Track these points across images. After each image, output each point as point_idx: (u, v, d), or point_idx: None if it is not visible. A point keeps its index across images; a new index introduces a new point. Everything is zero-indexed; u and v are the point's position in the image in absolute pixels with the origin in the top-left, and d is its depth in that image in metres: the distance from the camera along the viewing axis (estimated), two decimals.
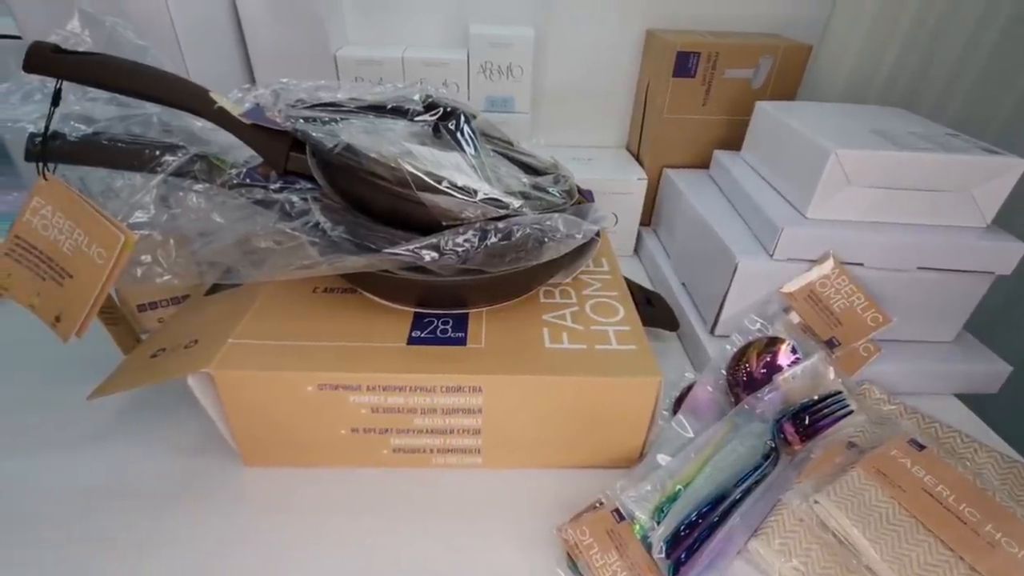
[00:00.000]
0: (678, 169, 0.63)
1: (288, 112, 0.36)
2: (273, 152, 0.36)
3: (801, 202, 0.44)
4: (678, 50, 0.57)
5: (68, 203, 0.33)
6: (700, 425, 0.39)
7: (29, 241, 0.34)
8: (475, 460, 0.37)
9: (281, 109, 0.37)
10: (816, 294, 0.43)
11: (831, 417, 0.38)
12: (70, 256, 0.34)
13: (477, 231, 0.33)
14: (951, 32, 0.64)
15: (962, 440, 0.39)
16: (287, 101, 0.38)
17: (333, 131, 0.35)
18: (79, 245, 0.33)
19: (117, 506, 0.34)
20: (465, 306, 0.39)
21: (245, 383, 0.33)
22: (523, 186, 0.38)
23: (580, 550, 0.32)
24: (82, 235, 0.33)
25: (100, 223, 0.33)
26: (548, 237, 0.34)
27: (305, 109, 0.38)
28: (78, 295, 0.34)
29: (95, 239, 0.33)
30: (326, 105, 0.39)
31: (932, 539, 0.31)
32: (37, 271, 0.35)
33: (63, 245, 0.34)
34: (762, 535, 0.32)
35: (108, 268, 0.33)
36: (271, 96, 0.38)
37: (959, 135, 0.45)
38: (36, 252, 0.34)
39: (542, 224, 0.34)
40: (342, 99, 0.40)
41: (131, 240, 0.33)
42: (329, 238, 0.34)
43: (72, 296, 0.34)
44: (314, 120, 0.36)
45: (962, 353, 0.47)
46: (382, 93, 0.41)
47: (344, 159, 0.33)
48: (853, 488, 0.33)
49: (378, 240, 0.33)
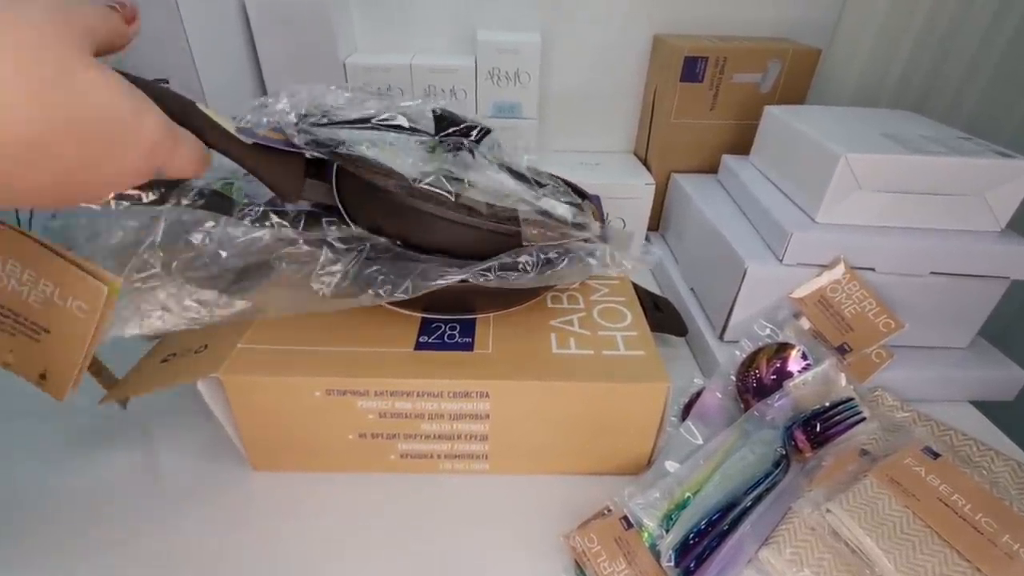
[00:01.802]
0: (686, 174, 0.63)
1: (303, 127, 0.32)
2: (284, 179, 0.31)
3: (811, 207, 0.44)
4: (686, 55, 0.57)
5: (25, 252, 0.29)
6: (709, 432, 0.38)
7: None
8: (482, 466, 0.37)
9: (296, 123, 0.32)
10: (827, 299, 0.43)
11: (843, 424, 0.38)
12: (40, 309, 0.29)
13: (533, 257, 0.33)
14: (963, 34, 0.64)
15: (978, 448, 0.38)
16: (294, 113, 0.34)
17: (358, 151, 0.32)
18: (49, 297, 0.29)
19: (127, 510, 0.35)
20: (473, 311, 0.39)
21: (254, 388, 0.33)
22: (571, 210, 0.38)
23: (588, 558, 0.31)
24: (50, 286, 0.29)
25: (71, 273, 0.28)
26: (597, 263, 0.34)
27: (316, 126, 0.33)
28: (61, 353, 0.30)
29: (69, 291, 0.29)
30: (337, 123, 0.35)
31: (948, 549, 0.30)
32: (1, 327, 0.30)
33: (27, 297, 0.29)
34: (773, 544, 0.32)
35: (94, 321, 0.29)
36: (288, 107, 0.33)
37: (971, 138, 0.45)
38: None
39: (594, 252, 0.35)
40: (348, 114, 0.36)
41: (115, 287, 0.29)
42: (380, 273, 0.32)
43: (54, 351, 0.30)
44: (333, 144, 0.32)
45: (977, 359, 0.46)
46: (389, 104, 0.38)
47: (424, 193, 0.30)
48: (866, 497, 0.33)
49: (433, 270, 0.32)
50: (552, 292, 0.42)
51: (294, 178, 0.31)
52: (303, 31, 0.57)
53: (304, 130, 0.32)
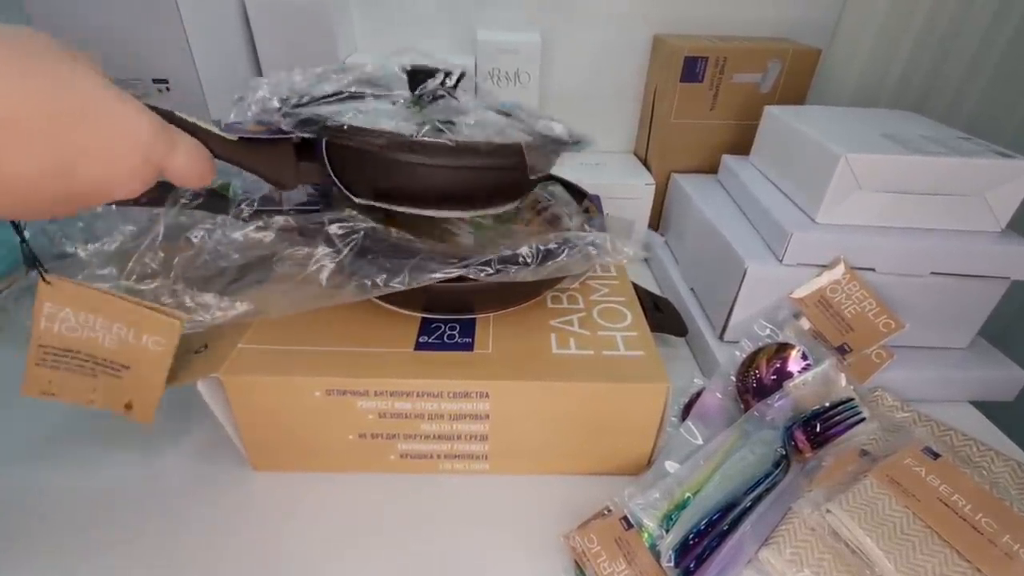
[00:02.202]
0: (686, 174, 0.63)
1: (287, 110, 0.31)
2: (276, 167, 0.31)
3: (811, 207, 0.44)
4: (686, 55, 0.57)
5: (87, 300, 0.31)
6: (709, 432, 0.38)
7: (59, 347, 0.32)
8: (482, 466, 0.37)
9: (279, 108, 0.32)
10: (827, 299, 0.43)
11: (843, 424, 0.38)
12: (116, 349, 0.32)
13: (533, 249, 0.33)
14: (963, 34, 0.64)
15: (978, 448, 0.38)
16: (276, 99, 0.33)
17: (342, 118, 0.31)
18: (124, 338, 0.31)
19: (126, 511, 0.35)
20: (472, 311, 0.39)
21: (254, 388, 0.33)
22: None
23: (587, 558, 0.31)
24: (124, 328, 0.31)
25: (142, 314, 0.31)
26: (598, 252, 0.34)
27: (300, 107, 0.33)
28: (144, 382, 0.33)
29: (144, 329, 0.31)
30: (317, 100, 0.34)
31: (948, 550, 0.30)
32: (83, 371, 0.32)
33: (103, 341, 0.32)
34: (773, 544, 0.32)
35: (170, 352, 0.32)
36: (268, 93, 0.33)
37: (971, 138, 0.45)
38: (73, 354, 0.32)
39: (594, 241, 0.35)
40: (324, 88, 0.35)
41: (184, 321, 0.32)
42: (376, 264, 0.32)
43: (136, 384, 0.33)
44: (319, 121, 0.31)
45: (977, 359, 0.46)
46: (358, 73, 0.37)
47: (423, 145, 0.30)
48: (866, 497, 0.33)
49: (431, 263, 0.32)
50: (552, 292, 0.42)
51: (287, 165, 0.31)
52: (303, 31, 0.57)
53: (288, 113, 0.31)
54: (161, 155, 0.25)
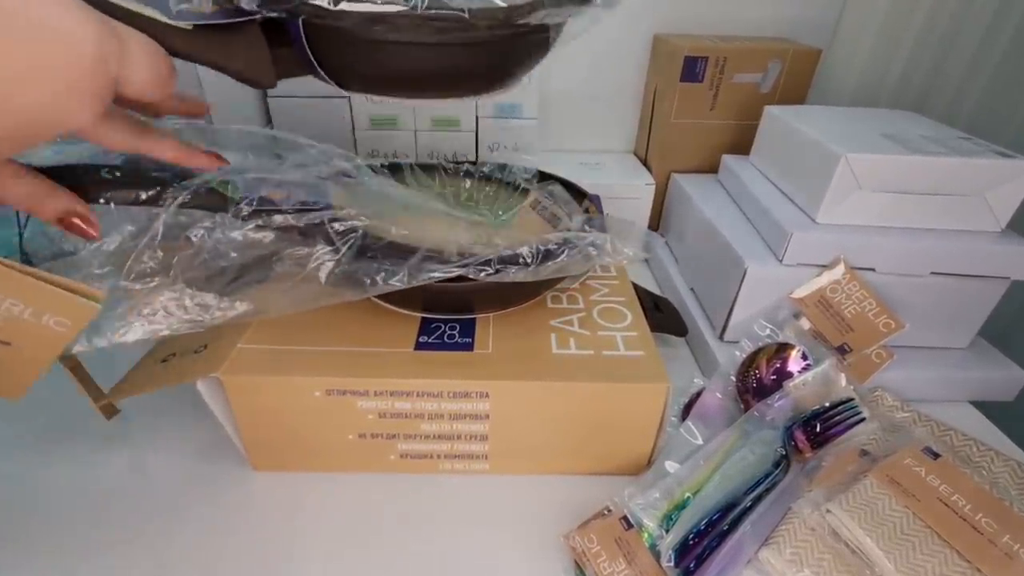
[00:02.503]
0: (686, 174, 0.63)
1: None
2: (246, 59, 0.25)
3: (811, 207, 0.44)
4: (686, 55, 0.57)
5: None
6: (709, 432, 0.38)
7: None
8: (482, 466, 0.37)
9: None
10: (827, 299, 0.43)
11: (843, 424, 0.38)
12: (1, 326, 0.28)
13: (533, 249, 0.32)
14: (963, 34, 0.64)
15: (978, 448, 0.38)
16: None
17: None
18: (17, 315, 0.28)
19: (126, 511, 0.35)
20: (472, 311, 0.39)
21: (254, 388, 0.33)
22: None
23: (587, 558, 0.31)
24: (18, 305, 0.27)
25: (46, 292, 0.27)
26: (598, 252, 0.34)
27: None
28: (25, 359, 0.29)
29: (47, 309, 0.28)
30: None
31: (948, 550, 0.30)
32: None
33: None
34: (773, 544, 0.32)
35: (71, 335, 0.29)
36: None
37: (972, 138, 0.45)
38: None
39: (594, 242, 0.34)
40: None
41: (102, 300, 0.28)
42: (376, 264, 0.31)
43: (13, 360, 0.29)
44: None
45: (977, 360, 0.46)
46: None
47: (435, 18, 0.24)
48: (866, 497, 0.33)
49: (430, 263, 0.31)
50: (552, 292, 0.42)
51: (259, 55, 0.25)
52: None
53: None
54: (112, 65, 0.21)
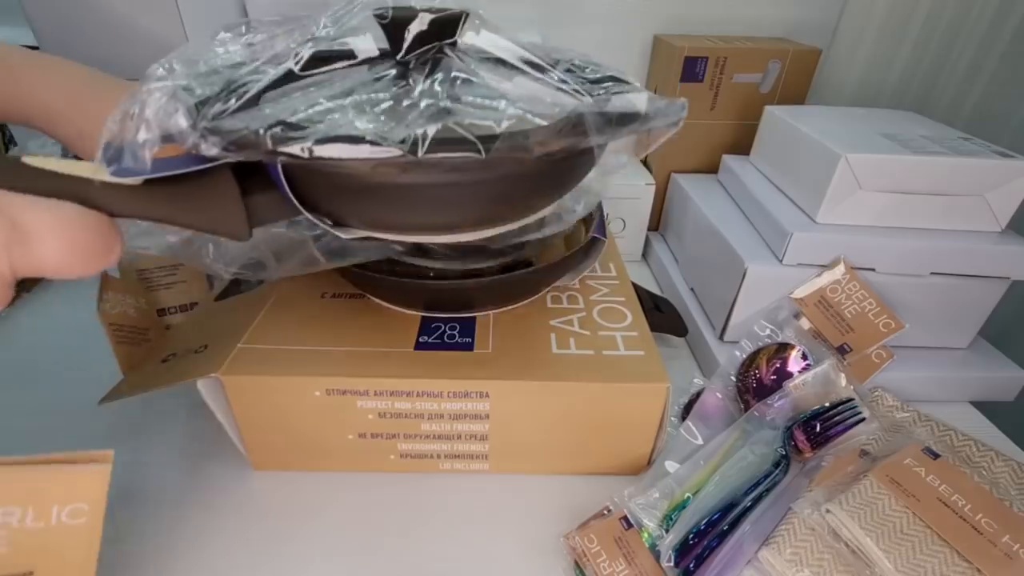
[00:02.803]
0: (686, 174, 0.63)
1: (207, 126, 0.19)
2: (216, 214, 0.20)
3: (811, 207, 0.44)
4: (686, 55, 0.57)
5: None
6: (709, 432, 0.38)
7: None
8: (482, 466, 0.37)
9: (191, 124, 0.19)
10: (827, 300, 0.43)
11: (843, 424, 0.38)
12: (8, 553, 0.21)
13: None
14: (963, 34, 0.64)
15: (978, 449, 0.38)
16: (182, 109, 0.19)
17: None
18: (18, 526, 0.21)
19: (127, 511, 0.35)
20: (472, 309, 0.39)
21: (254, 387, 0.33)
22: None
23: (587, 558, 0.31)
24: (16, 512, 0.21)
25: (41, 479, 0.22)
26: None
27: (225, 115, 0.20)
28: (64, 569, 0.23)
29: (53, 499, 0.23)
30: (256, 95, 0.22)
31: (948, 550, 0.30)
32: None
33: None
34: (773, 544, 0.32)
35: (100, 514, 0.24)
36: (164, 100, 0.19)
37: (972, 138, 0.45)
38: None
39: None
40: (261, 75, 0.24)
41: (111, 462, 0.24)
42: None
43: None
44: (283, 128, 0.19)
45: (977, 360, 0.46)
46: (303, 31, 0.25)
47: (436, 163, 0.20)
48: (866, 497, 0.33)
49: None
50: (552, 292, 0.42)
51: (230, 208, 0.20)
52: None
53: (210, 130, 0.19)
54: (8, 261, 0.16)
